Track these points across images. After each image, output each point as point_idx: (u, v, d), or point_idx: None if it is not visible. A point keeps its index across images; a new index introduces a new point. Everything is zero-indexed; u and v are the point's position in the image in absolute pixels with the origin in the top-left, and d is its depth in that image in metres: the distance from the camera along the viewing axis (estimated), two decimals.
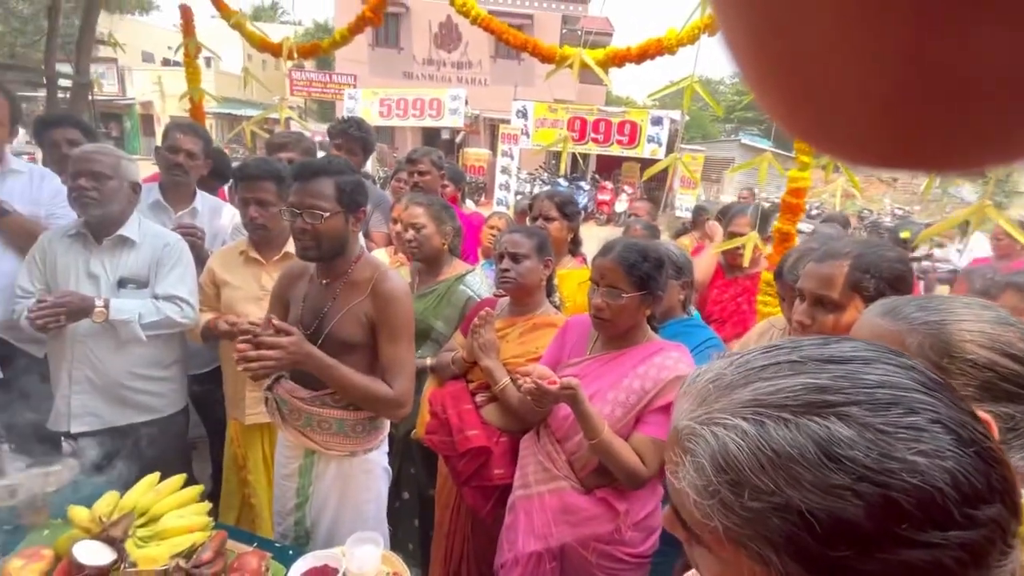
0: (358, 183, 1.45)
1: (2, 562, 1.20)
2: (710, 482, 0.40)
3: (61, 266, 1.72)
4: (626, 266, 1.36)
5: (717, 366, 0.45)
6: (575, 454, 1.44)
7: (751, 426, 0.39)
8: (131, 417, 1.82)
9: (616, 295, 1.37)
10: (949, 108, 0.14)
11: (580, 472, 1.43)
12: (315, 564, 1.27)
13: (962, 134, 0.15)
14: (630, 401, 1.37)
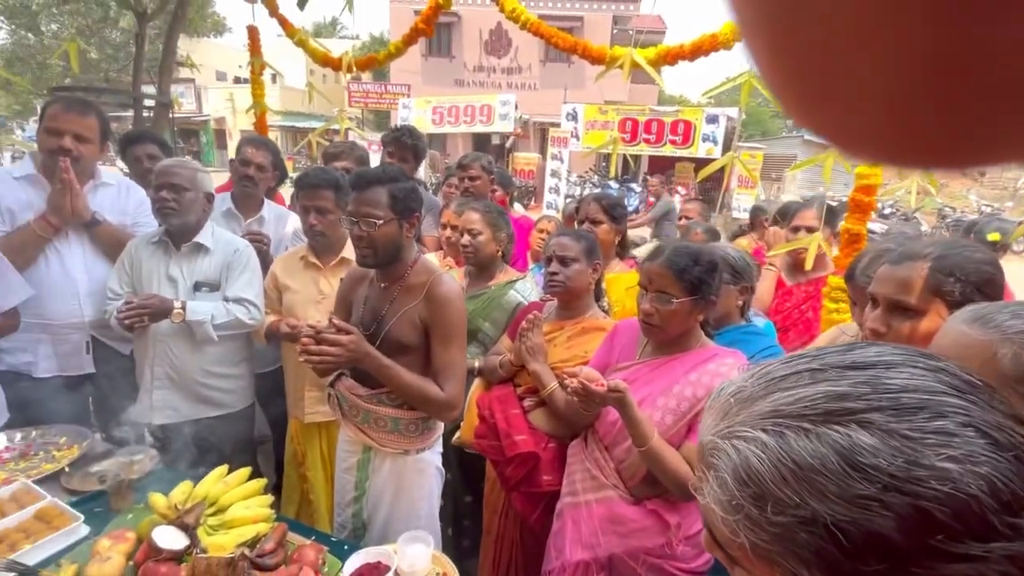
0: (411, 189, 1.49)
1: (94, 540, 1.32)
2: (734, 496, 0.39)
3: (145, 271, 1.88)
4: (676, 270, 1.32)
5: (740, 379, 0.43)
6: (623, 462, 1.40)
7: (771, 438, 0.38)
8: (204, 411, 1.95)
9: (666, 300, 1.33)
10: (966, 104, 0.14)
11: (629, 481, 1.40)
12: (368, 560, 1.31)
13: (979, 130, 0.15)
14: (681, 408, 1.32)
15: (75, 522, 1.36)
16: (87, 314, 1.95)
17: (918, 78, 0.14)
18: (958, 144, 0.16)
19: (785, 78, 0.17)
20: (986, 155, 0.16)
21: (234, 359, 2.01)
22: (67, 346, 1.96)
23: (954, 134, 0.15)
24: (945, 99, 0.14)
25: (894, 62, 0.14)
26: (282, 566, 1.24)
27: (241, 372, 2.06)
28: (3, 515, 1.36)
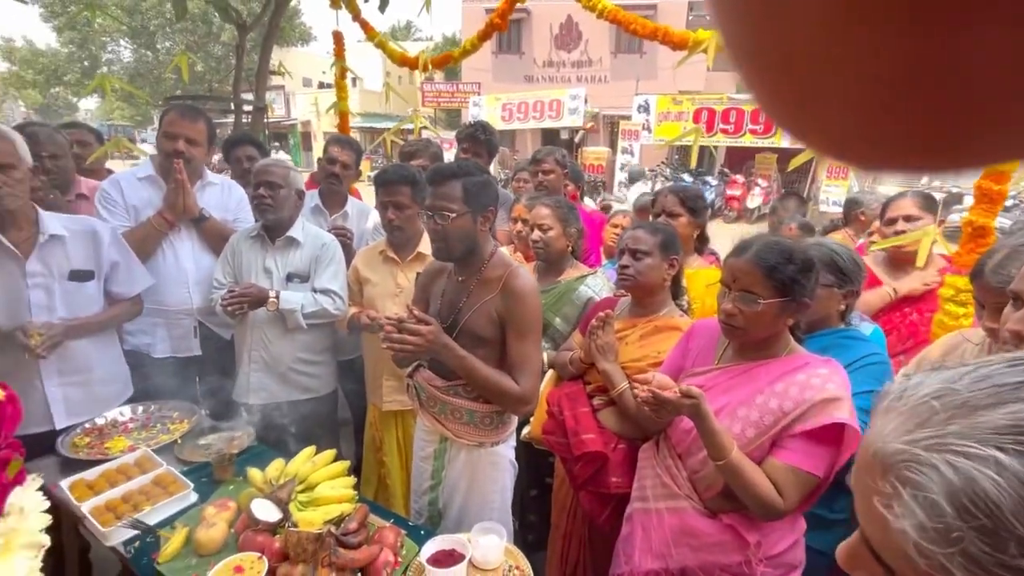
0: (485, 183, 1.50)
1: (201, 507, 1.45)
2: (950, 526, 0.33)
3: (245, 263, 2.04)
4: (764, 268, 1.21)
5: (934, 380, 0.37)
6: (698, 472, 1.32)
7: (1014, 460, 0.31)
8: (293, 395, 2.09)
9: (751, 301, 1.22)
10: (946, 108, 0.15)
11: (704, 493, 1.32)
12: (444, 547, 1.34)
13: (959, 134, 0.15)
14: (764, 422, 1.21)
15: (186, 489, 1.51)
16: (195, 301, 2.15)
17: (897, 81, 0.14)
18: (936, 147, 0.16)
19: (766, 84, 0.17)
20: (962, 158, 0.16)
21: (319, 347, 2.14)
22: (179, 330, 2.18)
23: (932, 138, 0.15)
24: (922, 104, 0.15)
25: (873, 65, 0.14)
26: (364, 545, 1.30)
27: (326, 359, 2.18)
28: (129, 478, 1.54)
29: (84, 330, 1.78)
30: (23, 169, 1.64)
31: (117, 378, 1.95)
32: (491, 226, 1.55)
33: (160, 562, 1.28)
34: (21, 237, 1.68)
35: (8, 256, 1.66)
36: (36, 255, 1.69)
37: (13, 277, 1.66)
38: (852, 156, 0.18)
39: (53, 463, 1.65)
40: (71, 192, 2.32)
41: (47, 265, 1.71)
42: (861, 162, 0.18)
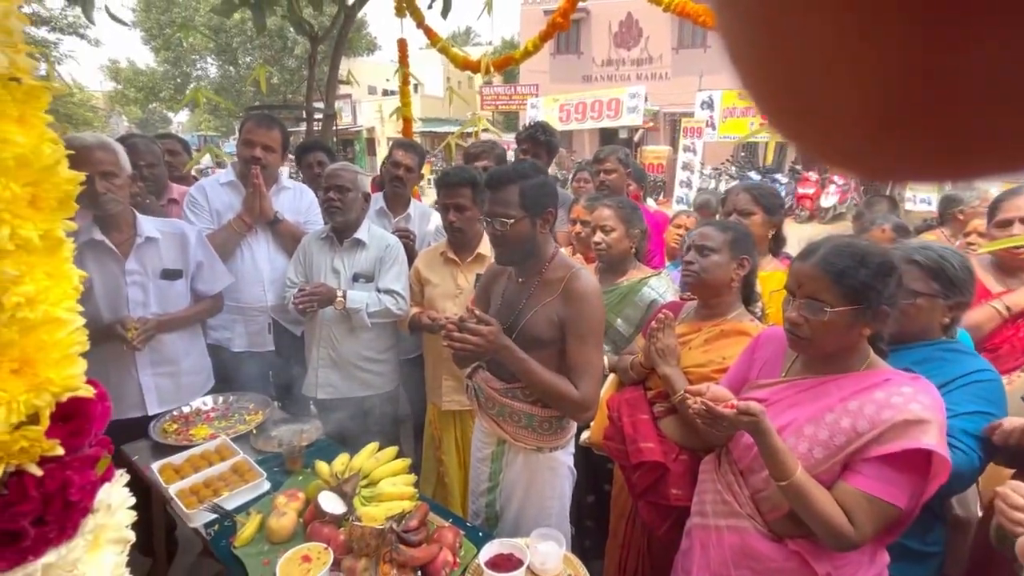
0: (542, 185, 1.47)
1: (273, 496, 1.53)
2: None
3: (315, 263, 2.14)
4: (833, 273, 1.09)
5: None
6: (761, 492, 1.22)
7: None
8: (357, 391, 2.17)
9: (817, 309, 1.10)
10: (949, 118, 0.15)
11: (768, 514, 1.21)
12: (502, 551, 1.33)
13: (964, 144, 0.15)
14: (835, 442, 1.10)
15: (260, 477, 1.59)
16: (270, 299, 2.28)
17: (900, 91, 0.14)
18: (943, 157, 0.16)
19: (767, 93, 0.17)
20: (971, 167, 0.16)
21: (383, 345, 2.20)
22: (254, 326, 2.31)
23: (938, 147, 0.15)
24: (928, 112, 0.15)
25: (875, 75, 0.14)
26: (424, 544, 1.31)
27: (388, 358, 2.24)
28: (210, 464, 1.64)
29: (173, 325, 1.93)
30: (124, 176, 1.79)
31: (201, 370, 2.10)
32: (551, 227, 1.52)
33: (236, 546, 1.35)
34: (121, 239, 1.85)
35: (110, 256, 1.82)
36: (134, 255, 1.85)
37: (114, 275, 1.83)
38: (864, 168, 0.18)
39: (146, 446, 1.80)
40: (164, 197, 2.53)
41: (143, 264, 1.87)
42: (873, 173, 0.18)
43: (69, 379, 0.71)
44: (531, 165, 1.49)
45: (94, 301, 1.80)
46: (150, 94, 22.23)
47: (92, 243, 1.80)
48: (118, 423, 1.90)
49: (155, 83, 21.84)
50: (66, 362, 0.71)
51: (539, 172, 1.48)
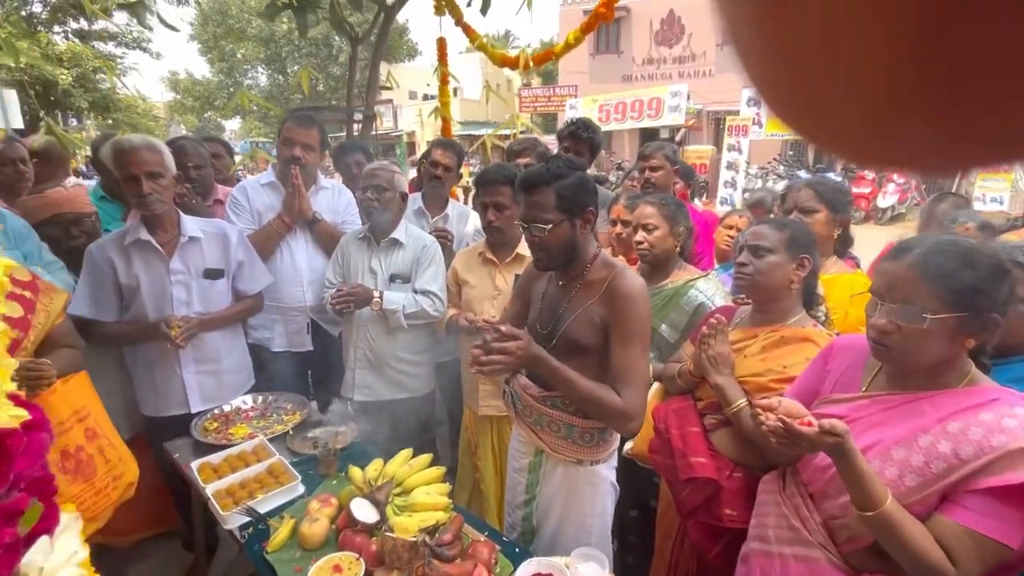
0: (580, 184, 1.36)
1: (307, 500, 1.50)
2: None
3: (352, 263, 2.12)
4: (937, 275, 0.95)
5: None
6: (838, 519, 1.08)
7: None
8: (394, 393, 2.13)
9: (913, 315, 0.96)
10: (954, 103, 0.14)
11: (844, 544, 1.07)
12: (540, 570, 1.25)
13: (969, 130, 0.15)
14: (931, 469, 0.95)
15: (295, 480, 1.56)
16: (309, 299, 2.28)
17: (904, 75, 0.14)
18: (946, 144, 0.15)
19: (772, 84, 0.17)
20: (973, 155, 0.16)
21: (419, 347, 2.16)
22: (294, 326, 2.32)
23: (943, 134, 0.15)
24: (934, 97, 0.14)
25: (879, 58, 0.14)
26: (458, 559, 1.24)
27: (424, 360, 2.20)
28: (247, 465, 1.63)
29: (215, 323, 1.95)
30: (169, 177, 1.82)
31: (242, 368, 2.12)
32: (592, 227, 1.42)
33: (269, 551, 1.32)
34: (166, 238, 1.88)
35: (156, 255, 1.85)
36: (178, 254, 1.88)
37: (159, 274, 1.86)
38: (875, 156, 0.17)
39: (187, 444, 1.81)
40: (210, 198, 2.58)
41: (186, 264, 1.89)
42: (875, 162, 0.18)
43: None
44: (566, 162, 1.38)
45: (140, 300, 1.84)
46: (206, 103, 23.42)
47: (139, 243, 1.83)
48: (163, 420, 1.95)
49: (210, 92, 23.01)
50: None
51: (575, 169, 1.38)
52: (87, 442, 1.34)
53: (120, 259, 1.83)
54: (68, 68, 13.94)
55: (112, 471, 1.38)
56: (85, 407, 1.36)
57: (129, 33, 16.63)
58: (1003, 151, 0.15)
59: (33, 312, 1.46)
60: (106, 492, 1.36)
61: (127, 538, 2.08)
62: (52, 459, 1.27)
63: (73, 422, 1.32)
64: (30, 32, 13.24)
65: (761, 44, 0.16)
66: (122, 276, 1.82)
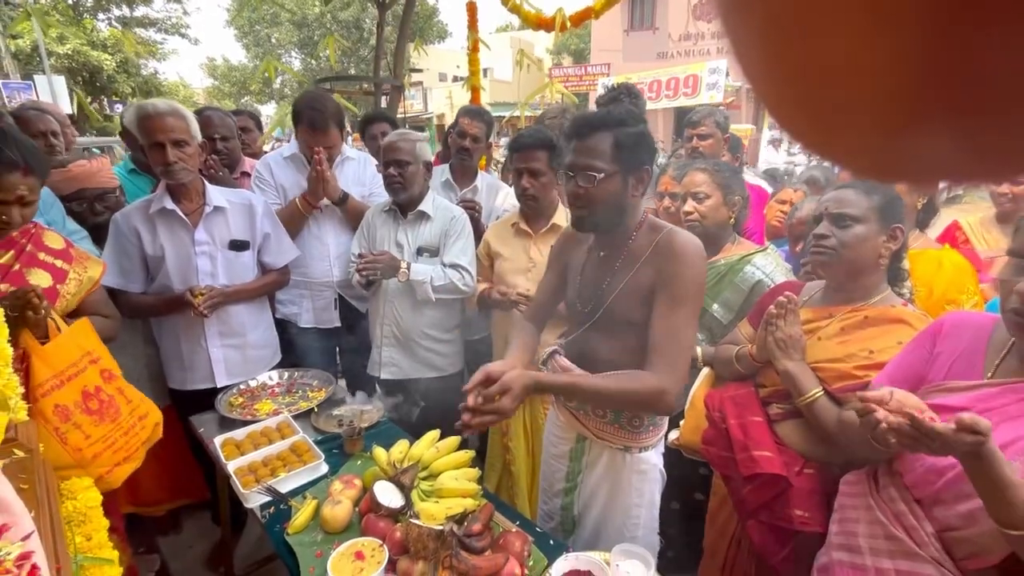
0: (641, 136, 1.18)
1: (330, 480, 1.42)
2: None
3: (379, 237, 2.02)
4: None
5: None
6: (958, 530, 0.92)
7: None
8: (422, 372, 2.04)
9: None
10: (964, 119, 0.14)
11: (968, 561, 0.91)
12: (577, 567, 1.13)
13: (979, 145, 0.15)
14: None
15: (318, 460, 1.49)
16: (336, 275, 2.21)
17: (915, 92, 0.14)
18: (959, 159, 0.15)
19: (778, 95, 0.17)
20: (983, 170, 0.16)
21: (448, 324, 2.06)
22: (321, 302, 2.25)
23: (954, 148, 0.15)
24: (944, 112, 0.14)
25: (890, 75, 0.14)
26: (488, 551, 1.14)
27: (453, 338, 2.10)
28: (270, 442, 1.58)
29: (240, 295, 1.89)
30: (194, 145, 1.75)
31: (268, 344, 2.07)
32: (644, 191, 1.24)
33: (290, 533, 1.26)
34: (191, 208, 1.82)
35: (181, 225, 1.80)
36: (202, 224, 1.82)
37: (184, 244, 1.81)
38: (881, 170, 0.17)
39: (212, 419, 1.77)
40: (237, 171, 2.53)
41: (211, 234, 1.84)
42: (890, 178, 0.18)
43: None
44: (627, 112, 1.20)
45: (165, 270, 1.80)
46: (242, 88, 23.86)
47: (164, 212, 1.78)
48: (190, 394, 1.92)
49: (246, 78, 23.41)
50: None
51: (638, 121, 1.19)
52: (104, 383, 1.30)
53: (145, 228, 1.78)
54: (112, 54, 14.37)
55: (136, 411, 1.34)
56: (95, 350, 1.32)
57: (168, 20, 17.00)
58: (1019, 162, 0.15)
59: (63, 282, 1.43)
60: (134, 431, 1.33)
61: (158, 508, 2.08)
62: (75, 400, 1.24)
63: (86, 363, 1.28)
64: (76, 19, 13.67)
65: (768, 69, 0.16)
66: (147, 246, 1.78)
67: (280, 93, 22.62)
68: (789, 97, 0.17)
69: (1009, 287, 0.89)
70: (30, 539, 0.76)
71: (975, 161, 0.15)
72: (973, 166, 0.16)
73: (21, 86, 10.65)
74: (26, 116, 2.27)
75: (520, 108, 3.67)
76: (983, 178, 0.16)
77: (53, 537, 0.90)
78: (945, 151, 0.15)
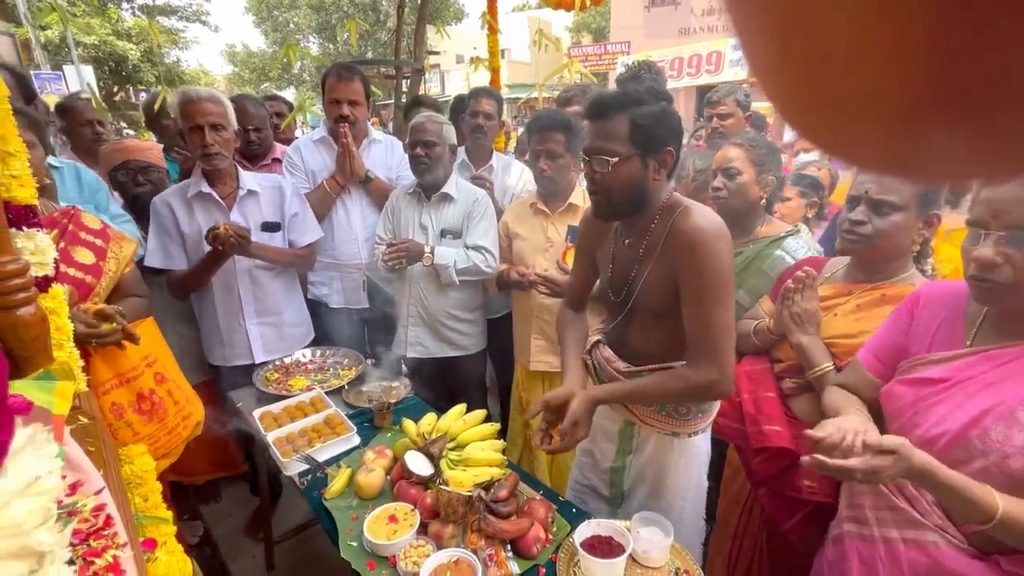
0: (662, 116, 1.12)
1: (362, 451, 1.50)
2: None
3: (403, 219, 2.07)
4: None
5: None
6: None
7: None
8: (446, 351, 2.11)
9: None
10: (970, 111, 0.14)
11: (966, 526, 0.93)
12: (599, 532, 1.19)
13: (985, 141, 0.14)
14: None
15: (350, 432, 1.57)
16: (363, 256, 2.27)
17: (919, 83, 0.14)
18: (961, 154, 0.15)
19: (785, 90, 0.17)
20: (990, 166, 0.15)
21: (471, 305, 2.12)
22: (350, 283, 2.33)
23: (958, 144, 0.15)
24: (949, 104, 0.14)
25: (895, 65, 0.14)
26: (514, 516, 1.21)
27: (476, 318, 2.16)
28: (305, 415, 1.66)
29: (267, 254, 1.90)
30: (231, 131, 1.83)
31: (302, 322, 2.15)
32: (669, 174, 1.19)
33: (327, 498, 1.34)
34: (226, 192, 1.90)
35: (217, 208, 1.88)
36: (237, 207, 1.90)
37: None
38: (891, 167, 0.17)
39: (250, 394, 1.87)
40: (268, 157, 2.60)
41: (245, 217, 1.91)
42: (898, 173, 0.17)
43: None
44: (647, 90, 1.13)
45: (202, 251, 1.88)
46: (261, 75, 24.04)
47: (201, 195, 1.86)
48: (230, 369, 2.02)
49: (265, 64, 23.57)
50: None
51: (659, 98, 1.13)
52: (157, 385, 1.39)
53: (183, 211, 1.87)
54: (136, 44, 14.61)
55: (181, 412, 1.43)
56: (153, 352, 1.41)
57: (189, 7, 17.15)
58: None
59: (104, 259, 1.51)
60: (177, 431, 1.42)
61: (198, 477, 2.22)
62: (129, 400, 1.33)
63: (143, 367, 1.37)
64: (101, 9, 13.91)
65: (773, 64, 0.16)
66: (184, 227, 1.87)
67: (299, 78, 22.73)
68: (795, 93, 0.16)
69: (968, 255, 0.91)
70: (102, 494, 0.84)
71: (986, 158, 0.15)
72: (984, 163, 0.15)
73: (51, 76, 10.95)
74: (76, 106, 2.39)
75: (539, 89, 3.65)
76: (994, 175, 0.16)
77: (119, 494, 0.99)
78: (953, 147, 0.15)
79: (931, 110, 0.14)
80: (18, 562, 0.38)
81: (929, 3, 0.13)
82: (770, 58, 0.16)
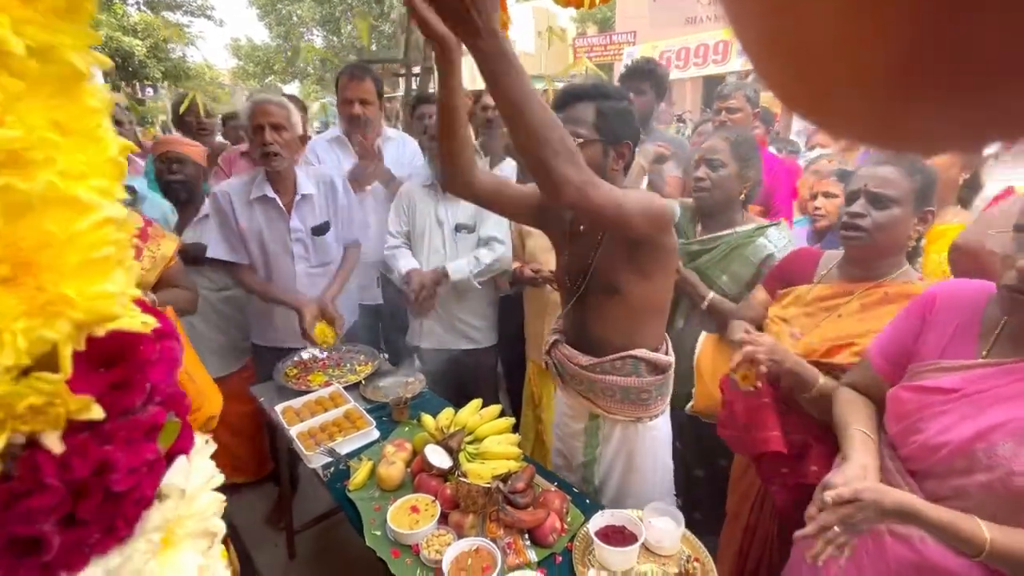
0: (624, 112, 1.22)
1: (382, 444, 1.56)
2: None
3: (418, 213, 2.11)
4: None
5: None
6: (949, 502, 0.93)
7: None
8: (459, 344, 2.16)
9: None
10: (954, 82, 0.14)
11: None
12: (613, 523, 1.24)
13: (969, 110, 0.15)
14: None
15: (370, 426, 1.63)
16: (378, 253, 2.31)
17: (904, 52, 0.14)
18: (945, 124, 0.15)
19: (782, 73, 0.17)
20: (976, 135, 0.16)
21: (484, 300, 2.16)
22: (365, 279, 2.37)
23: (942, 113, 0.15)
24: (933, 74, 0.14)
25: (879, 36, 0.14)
26: (531, 507, 1.26)
27: (488, 313, 2.20)
28: (325, 410, 1.72)
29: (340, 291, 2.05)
30: (292, 133, 1.87)
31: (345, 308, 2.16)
32: (626, 165, 1.27)
33: (351, 489, 1.39)
34: (285, 196, 1.95)
35: (278, 213, 1.95)
36: (295, 212, 1.96)
37: (281, 231, 1.96)
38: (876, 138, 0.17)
39: (271, 388, 1.92)
40: None
41: (303, 221, 1.98)
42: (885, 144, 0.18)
43: (100, 300, 0.37)
44: (615, 88, 1.26)
45: (264, 254, 1.96)
46: (266, 68, 24.04)
47: (264, 199, 1.92)
48: (272, 349, 2.08)
49: (269, 57, 23.56)
50: (93, 272, 0.37)
51: (623, 97, 1.25)
52: None
53: (243, 209, 1.93)
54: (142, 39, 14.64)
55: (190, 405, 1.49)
56: None
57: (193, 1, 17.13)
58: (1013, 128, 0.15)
59: (138, 259, 1.57)
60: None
61: None
62: None
63: None
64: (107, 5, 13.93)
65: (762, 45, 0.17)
66: (243, 221, 1.93)
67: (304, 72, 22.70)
68: (785, 71, 0.17)
69: (1010, 263, 0.88)
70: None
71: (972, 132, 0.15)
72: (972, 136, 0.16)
73: None
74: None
75: (547, 82, 3.66)
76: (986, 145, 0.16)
77: None
78: (941, 122, 0.15)
79: (914, 90, 0.14)
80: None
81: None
82: (759, 40, 0.17)
